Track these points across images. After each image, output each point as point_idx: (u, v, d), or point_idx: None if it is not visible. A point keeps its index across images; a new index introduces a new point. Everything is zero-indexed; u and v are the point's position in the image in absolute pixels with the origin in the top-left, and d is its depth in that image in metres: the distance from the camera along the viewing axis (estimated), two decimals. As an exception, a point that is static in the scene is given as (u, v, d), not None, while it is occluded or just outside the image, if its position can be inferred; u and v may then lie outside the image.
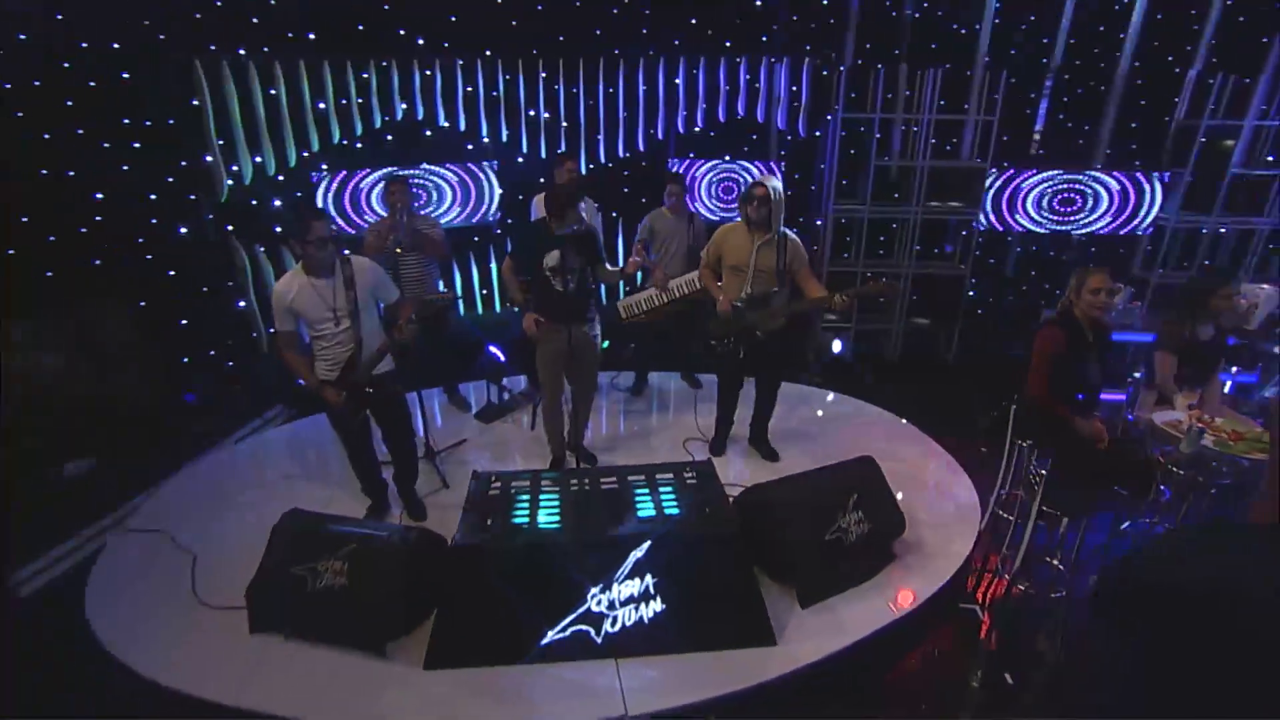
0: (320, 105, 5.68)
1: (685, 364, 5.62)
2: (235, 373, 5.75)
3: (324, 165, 5.71)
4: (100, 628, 3.01)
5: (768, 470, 4.23)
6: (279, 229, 5.68)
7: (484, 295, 6.83)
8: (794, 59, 6.27)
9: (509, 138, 6.24)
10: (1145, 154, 6.42)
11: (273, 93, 5.48)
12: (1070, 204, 6.18)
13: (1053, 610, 3.27)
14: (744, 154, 6.57)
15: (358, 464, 3.67)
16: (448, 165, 6.01)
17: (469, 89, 6.01)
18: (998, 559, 3.59)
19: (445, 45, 5.86)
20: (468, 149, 6.17)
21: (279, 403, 5.35)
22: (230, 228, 5.61)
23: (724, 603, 2.93)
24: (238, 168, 5.51)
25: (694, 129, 6.45)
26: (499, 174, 6.16)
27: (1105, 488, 3.17)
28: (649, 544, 2.86)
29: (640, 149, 6.48)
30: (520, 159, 6.29)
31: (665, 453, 4.51)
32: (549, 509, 3.04)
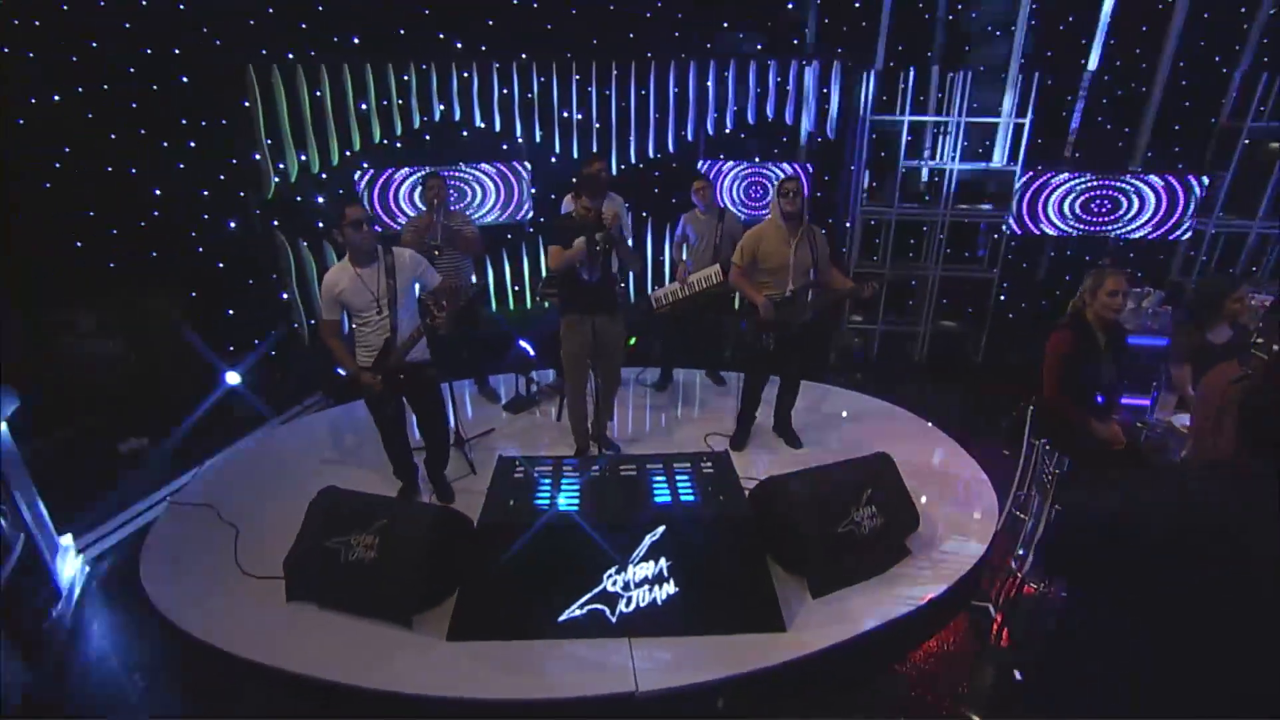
0: (363, 106, 5.93)
1: (710, 361, 5.71)
2: (278, 360, 6.03)
3: (364, 164, 5.95)
4: (154, 592, 3.24)
5: (787, 465, 4.29)
6: (321, 224, 5.94)
7: (515, 291, 7.01)
8: (824, 61, 6.31)
9: (542, 138, 6.41)
10: (1186, 157, 6.29)
11: (318, 94, 5.75)
12: (1107, 207, 6.08)
13: (1062, 609, 3.26)
14: (773, 155, 6.63)
15: (391, 447, 3.85)
16: (488, 164, 6.21)
17: (504, 91, 6.20)
18: (1011, 559, 3.60)
19: (482, 48, 6.06)
20: (503, 149, 6.36)
21: (318, 390, 5.60)
22: (275, 223, 5.89)
23: (736, 588, 3.02)
24: (284, 165, 5.79)
25: (724, 131, 6.54)
26: (532, 173, 6.33)
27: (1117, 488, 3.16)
28: (664, 528, 2.96)
29: (671, 150, 6.59)
30: (553, 159, 6.45)
31: (687, 446, 4.58)
32: (569, 493, 3.17)
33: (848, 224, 6.36)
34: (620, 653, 2.87)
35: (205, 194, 5.47)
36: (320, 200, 5.94)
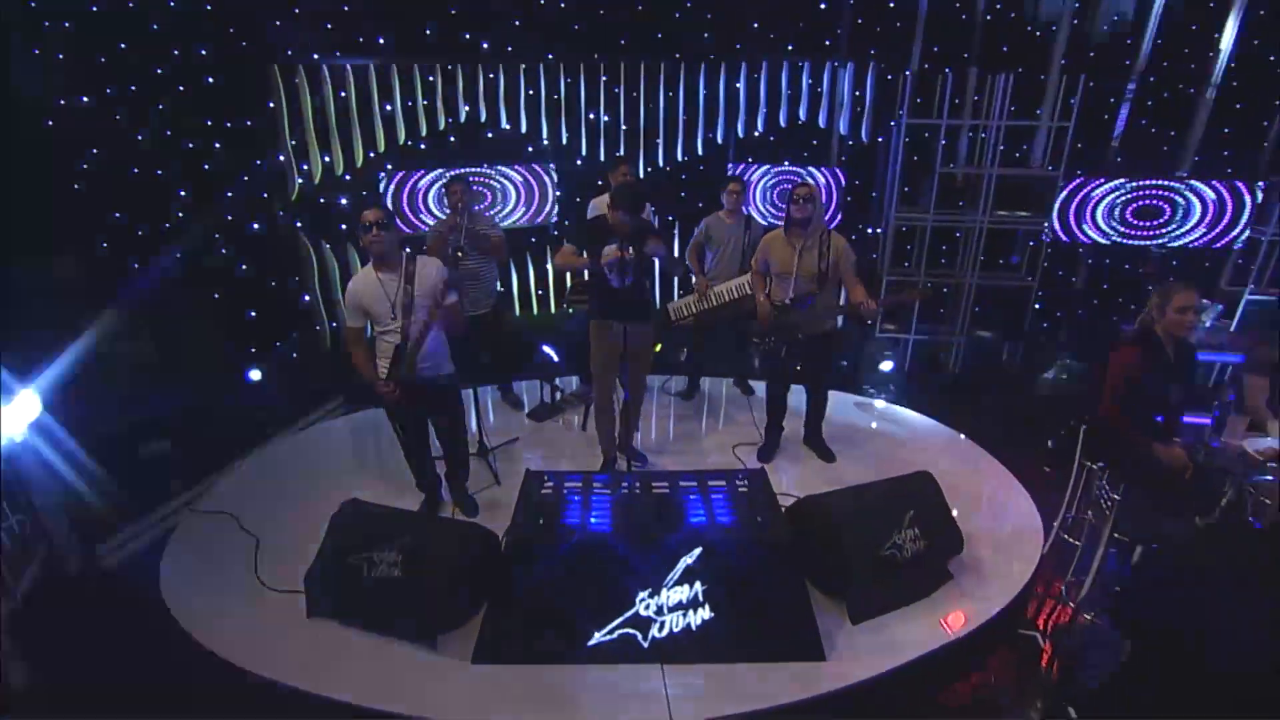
0: (387, 107, 5.87)
1: (738, 370, 5.58)
2: (299, 363, 5.98)
3: (389, 165, 5.89)
4: (173, 602, 3.17)
5: (818, 479, 4.16)
6: (344, 226, 5.89)
7: (539, 296, 6.92)
8: (859, 63, 6.14)
9: (568, 140, 6.31)
10: (1237, 162, 6.04)
11: (343, 95, 5.69)
12: (1152, 215, 5.85)
13: (1119, 643, 3.09)
14: (804, 159, 6.47)
15: (412, 459, 3.76)
16: (513, 166, 6.12)
17: (530, 92, 6.11)
18: (1061, 585, 3.42)
19: (509, 49, 5.97)
20: (528, 151, 6.28)
21: (339, 394, 5.53)
22: (299, 224, 5.85)
23: (773, 614, 2.88)
24: (308, 167, 5.74)
25: (754, 133, 6.40)
26: (557, 176, 6.24)
27: (1183, 516, 2.99)
28: (700, 550, 2.84)
29: (699, 153, 6.46)
30: (579, 161, 6.35)
31: (714, 457, 4.47)
32: (600, 511, 3.05)
33: (879, 229, 6.19)
34: (653, 679, 2.75)
35: (229, 195, 5.44)
36: (344, 202, 5.89)
